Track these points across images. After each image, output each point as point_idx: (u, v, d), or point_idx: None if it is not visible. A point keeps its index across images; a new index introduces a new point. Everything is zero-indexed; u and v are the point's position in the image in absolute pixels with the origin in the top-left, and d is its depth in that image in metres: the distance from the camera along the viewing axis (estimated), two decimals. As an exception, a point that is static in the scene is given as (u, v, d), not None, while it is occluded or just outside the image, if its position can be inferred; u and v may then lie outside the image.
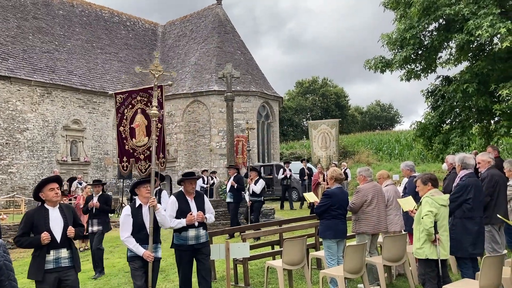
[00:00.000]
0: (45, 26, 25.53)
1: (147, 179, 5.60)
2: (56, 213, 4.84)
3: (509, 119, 10.55)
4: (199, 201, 6.02)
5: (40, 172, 22.18)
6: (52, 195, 4.80)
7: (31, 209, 5.03)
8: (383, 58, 12.21)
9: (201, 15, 30.46)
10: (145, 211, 5.44)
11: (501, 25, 9.16)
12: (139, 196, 5.51)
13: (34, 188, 4.87)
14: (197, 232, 5.84)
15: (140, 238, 5.32)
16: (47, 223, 4.73)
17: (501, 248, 6.31)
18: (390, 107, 60.81)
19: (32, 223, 4.71)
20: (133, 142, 7.52)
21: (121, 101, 7.61)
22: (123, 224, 5.36)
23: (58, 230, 4.75)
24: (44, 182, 4.86)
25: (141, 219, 5.38)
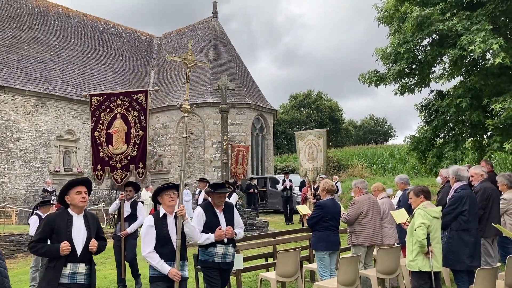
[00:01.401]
0: (40, 36, 25.56)
1: (171, 185, 4.79)
2: (80, 222, 4.28)
3: (502, 134, 10.62)
4: (228, 214, 5.35)
5: (32, 182, 22.01)
6: (78, 200, 4.25)
7: (53, 213, 4.51)
8: (377, 72, 12.30)
9: (197, 28, 30.64)
10: (171, 222, 4.65)
11: (493, 41, 9.27)
12: (163, 205, 4.73)
13: (61, 189, 4.33)
14: (226, 249, 5.17)
15: (165, 254, 4.52)
16: (69, 231, 4.16)
17: (494, 261, 6.32)
18: (384, 121, 61.13)
19: (52, 229, 4.15)
20: (109, 149, 6.98)
21: (98, 104, 7.02)
22: (145, 236, 4.56)
23: (79, 241, 4.18)
24: (72, 183, 4.32)
25: (166, 231, 4.59)
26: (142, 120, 7.01)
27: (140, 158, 6.94)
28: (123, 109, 6.98)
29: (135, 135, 6.96)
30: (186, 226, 4.67)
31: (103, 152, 7.01)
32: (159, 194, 4.73)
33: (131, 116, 6.98)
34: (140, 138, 6.91)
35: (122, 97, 7.02)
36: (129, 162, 6.98)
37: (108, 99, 7.04)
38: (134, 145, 6.95)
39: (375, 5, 12.55)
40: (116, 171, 7.03)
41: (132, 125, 6.99)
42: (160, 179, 25.36)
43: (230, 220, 5.30)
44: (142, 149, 6.93)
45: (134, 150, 6.95)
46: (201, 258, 5.26)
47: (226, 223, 5.20)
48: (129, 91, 7.18)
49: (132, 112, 6.98)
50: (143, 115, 7.00)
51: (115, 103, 6.98)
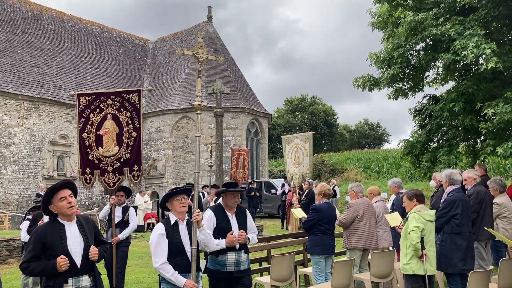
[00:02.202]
0: (34, 40, 25.48)
1: (181, 189, 4.39)
2: (74, 230, 3.77)
3: (495, 138, 10.69)
4: (241, 217, 4.91)
5: (25, 187, 21.87)
6: (65, 207, 3.72)
7: (41, 225, 3.90)
8: (371, 76, 12.37)
9: (192, 32, 30.67)
10: (183, 229, 4.24)
11: (486, 46, 9.34)
12: (173, 211, 4.31)
13: (42, 200, 3.85)
14: (238, 256, 4.71)
15: (179, 265, 4.09)
16: (64, 243, 3.66)
17: (487, 264, 6.34)
18: (378, 125, 61.33)
19: (43, 244, 3.61)
20: (99, 151, 6.63)
21: (86, 104, 6.64)
22: (157, 246, 4.10)
23: (78, 252, 3.71)
24: (52, 190, 3.77)
25: (178, 240, 4.15)
26: (135, 121, 6.72)
27: (135, 161, 6.64)
28: (114, 109, 6.65)
29: (128, 137, 6.66)
30: (201, 233, 4.28)
31: (92, 154, 6.67)
32: (168, 200, 4.32)
33: (123, 116, 6.68)
34: (134, 140, 6.62)
35: (113, 97, 6.69)
36: (122, 164, 6.66)
37: (98, 99, 6.67)
38: (127, 147, 6.65)
39: (369, 10, 12.64)
40: (107, 175, 6.68)
41: (124, 126, 6.68)
42: (154, 184, 25.31)
43: (243, 224, 4.85)
44: (137, 151, 6.65)
45: (127, 152, 6.64)
46: (210, 267, 4.77)
47: (238, 228, 4.77)
48: (120, 90, 6.84)
49: (124, 112, 6.67)
50: (136, 116, 6.71)
51: (105, 103, 6.65)
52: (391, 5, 11.77)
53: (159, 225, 4.27)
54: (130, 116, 6.71)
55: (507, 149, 9.29)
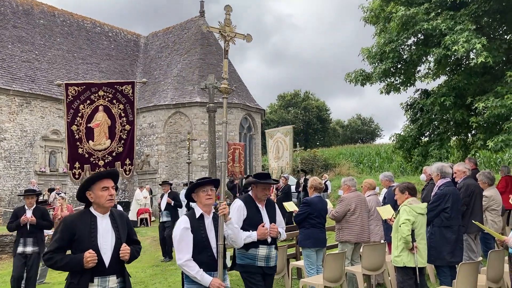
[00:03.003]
0: (25, 35, 25.26)
1: (208, 180, 4.02)
2: (107, 223, 3.43)
3: (485, 132, 10.80)
4: (270, 210, 4.64)
5: (17, 183, 21.74)
6: (105, 198, 3.41)
7: (71, 214, 3.58)
8: (363, 71, 12.43)
9: (184, 27, 30.54)
10: (209, 223, 3.88)
11: (477, 40, 9.43)
12: (198, 204, 3.96)
13: (81, 184, 3.48)
14: (269, 251, 4.43)
15: (204, 262, 3.74)
16: (93, 236, 3.32)
17: (477, 256, 6.42)
18: (371, 121, 61.57)
19: (72, 234, 3.29)
20: (90, 145, 6.34)
21: (75, 95, 6.31)
22: (181, 242, 3.75)
23: (107, 248, 3.35)
24: (97, 177, 3.47)
25: (204, 235, 3.80)
26: (129, 114, 6.50)
27: (127, 155, 6.42)
28: (106, 101, 6.39)
29: (121, 130, 6.44)
30: (228, 228, 3.95)
31: (83, 148, 6.37)
32: (193, 191, 3.96)
33: (115, 109, 6.45)
34: (127, 133, 6.40)
35: (105, 88, 6.40)
36: (114, 159, 6.43)
37: (88, 90, 6.33)
38: (120, 141, 6.42)
39: (361, 5, 12.68)
40: (99, 169, 6.35)
41: (117, 119, 6.44)
42: (147, 179, 25.25)
43: (272, 217, 4.59)
44: (130, 145, 6.41)
45: (120, 146, 6.41)
46: (240, 262, 4.45)
47: (269, 220, 4.50)
48: (113, 81, 6.64)
49: (116, 104, 6.44)
50: (130, 108, 6.49)
51: (97, 94, 6.36)
52: (383, 0, 11.82)
53: (183, 218, 3.89)
54: (124, 109, 6.48)
55: (498, 142, 9.39)
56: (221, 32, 4.23)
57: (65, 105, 6.37)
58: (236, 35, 4.27)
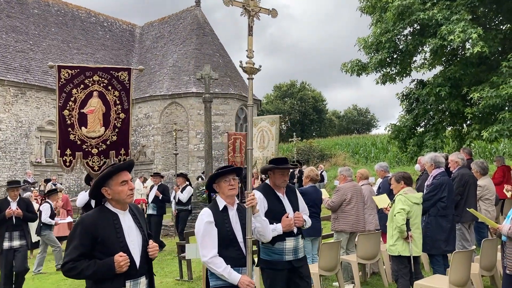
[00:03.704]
0: (19, 25, 25.05)
1: (230, 169, 3.65)
2: (129, 220, 3.09)
3: (480, 122, 10.84)
4: (292, 197, 4.26)
5: (13, 173, 21.69)
6: (125, 193, 3.03)
7: (88, 215, 3.07)
8: (359, 61, 12.40)
9: (180, 17, 30.37)
10: (233, 215, 3.56)
11: (472, 30, 9.41)
12: (221, 195, 3.62)
13: (96, 180, 3.09)
14: (296, 242, 4.06)
15: (231, 258, 3.42)
16: (120, 236, 2.96)
17: (470, 245, 6.49)
18: (367, 111, 61.70)
19: (94, 238, 2.88)
20: (83, 131, 6.02)
21: (68, 78, 5.99)
22: (205, 236, 3.43)
23: (135, 247, 3.03)
24: (115, 170, 3.04)
25: (229, 229, 3.48)
26: (124, 102, 6.20)
27: (122, 144, 6.18)
28: (101, 86, 6.06)
29: (115, 118, 6.16)
30: (256, 221, 3.60)
31: (75, 134, 6.01)
32: (215, 181, 3.62)
33: (110, 95, 6.13)
34: (121, 122, 6.13)
35: (101, 73, 6.08)
36: (108, 147, 6.16)
37: (82, 74, 6.01)
38: (114, 129, 6.18)
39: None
40: (92, 158, 6.04)
41: (112, 106, 6.14)
42: (143, 170, 25.24)
43: (295, 205, 4.20)
44: (124, 134, 6.18)
45: (114, 134, 6.17)
46: (266, 258, 4.05)
47: (293, 209, 4.13)
48: (108, 67, 6.23)
49: (112, 91, 6.12)
50: (125, 96, 6.21)
51: (91, 79, 6.03)
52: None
53: (206, 211, 3.54)
54: (119, 96, 6.20)
55: (492, 133, 9.43)
56: (244, 7, 3.83)
57: (57, 88, 6.01)
58: (261, 10, 3.92)
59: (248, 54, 3.80)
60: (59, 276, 8.94)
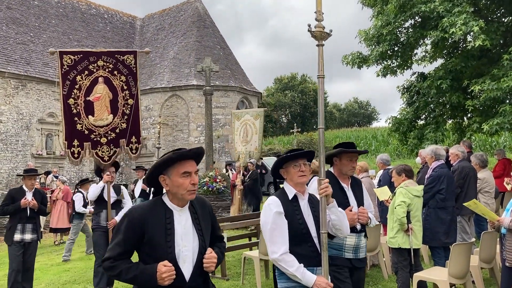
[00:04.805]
0: (19, 16, 24.97)
1: (300, 152, 3.11)
2: (186, 220, 2.49)
3: (481, 115, 10.84)
4: (358, 190, 3.73)
5: (14, 165, 21.74)
6: (185, 187, 2.44)
7: (139, 206, 2.53)
8: (360, 53, 12.38)
9: (180, 9, 30.25)
10: (305, 206, 3.04)
11: (474, 23, 9.39)
12: (289, 181, 3.10)
13: (153, 166, 2.53)
14: (358, 240, 3.57)
15: (303, 255, 2.92)
16: (170, 240, 2.40)
17: (470, 238, 6.52)
18: (368, 104, 61.63)
19: (141, 235, 2.39)
20: (90, 120, 5.70)
21: (71, 64, 5.67)
22: (274, 230, 2.91)
23: (188, 255, 2.44)
24: (177, 157, 2.47)
25: (301, 221, 2.96)
26: (132, 87, 5.86)
27: (132, 131, 5.83)
28: (107, 72, 5.72)
29: (123, 104, 5.83)
30: (331, 212, 3.03)
31: (82, 124, 5.67)
32: (282, 166, 3.13)
33: (117, 81, 5.80)
34: (130, 108, 5.80)
35: (105, 58, 5.75)
36: (118, 135, 5.80)
37: (86, 59, 5.70)
38: (123, 116, 5.83)
39: (359, -13, 12.58)
40: (101, 147, 5.73)
41: (119, 92, 5.81)
42: (144, 162, 25.27)
43: (360, 199, 3.69)
44: (134, 121, 5.83)
45: (123, 121, 5.82)
46: None
47: (357, 203, 3.61)
48: (113, 50, 5.94)
49: (118, 76, 5.80)
50: (133, 80, 5.87)
51: (96, 64, 5.69)
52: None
53: (273, 200, 3.03)
54: (126, 81, 5.87)
55: (493, 125, 9.43)
56: None
57: (60, 75, 5.67)
58: None
59: (317, 16, 3.23)
60: (60, 267, 9.01)
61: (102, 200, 6.41)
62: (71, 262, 9.59)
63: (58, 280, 7.93)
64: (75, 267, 9.01)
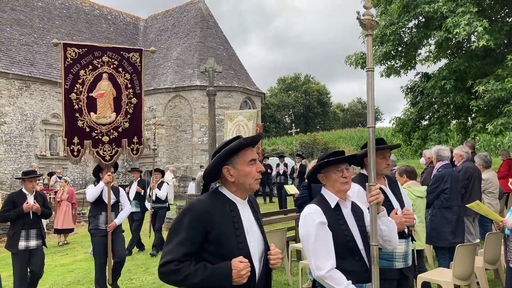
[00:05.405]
0: (23, 18, 25.07)
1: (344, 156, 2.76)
2: (249, 214, 2.30)
3: (485, 115, 10.79)
4: (396, 190, 3.40)
5: (18, 166, 21.82)
6: (253, 176, 2.25)
7: (199, 200, 2.25)
8: (363, 54, 12.35)
9: (184, 10, 30.30)
10: (349, 215, 2.71)
11: (478, 23, 9.35)
12: (329, 188, 2.76)
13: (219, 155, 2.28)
14: (407, 246, 3.25)
15: (351, 271, 2.55)
16: (240, 234, 2.18)
17: (475, 238, 6.48)
18: (371, 104, 61.43)
19: (206, 232, 2.14)
20: (92, 117, 5.47)
21: (75, 58, 5.44)
22: (318, 242, 2.55)
23: (256, 252, 2.24)
24: (241, 146, 2.25)
25: (347, 233, 2.63)
26: (136, 85, 5.69)
27: (134, 131, 5.67)
28: (112, 68, 5.53)
29: (127, 103, 5.65)
30: (381, 222, 2.69)
31: (83, 120, 5.43)
32: (320, 171, 2.80)
33: (121, 78, 5.62)
34: (133, 107, 5.64)
35: (110, 54, 5.55)
36: (120, 135, 5.61)
37: (91, 54, 5.49)
38: (126, 115, 5.65)
39: (362, -13, 12.55)
40: (103, 146, 5.53)
41: (123, 90, 5.62)
42: (147, 163, 25.33)
43: (400, 198, 3.34)
44: (137, 121, 5.68)
45: (126, 121, 5.65)
46: None
47: (399, 205, 3.25)
48: (118, 47, 5.72)
49: (123, 73, 5.63)
50: (137, 79, 5.71)
51: (100, 59, 5.48)
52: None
53: (314, 208, 2.65)
54: (130, 79, 5.69)
55: (497, 126, 9.40)
56: None
57: (63, 68, 5.45)
58: None
59: (366, 3, 2.91)
60: (64, 268, 9.03)
61: (101, 202, 6.15)
62: (75, 263, 9.60)
63: (62, 281, 7.95)
64: (79, 267, 9.03)
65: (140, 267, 8.54)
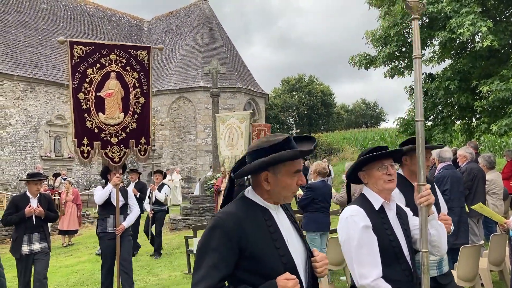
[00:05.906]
0: (28, 20, 25.20)
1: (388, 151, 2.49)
2: (284, 220, 2.02)
3: (490, 115, 10.75)
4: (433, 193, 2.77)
5: (23, 168, 21.92)
6: (293, 188, 1.98)
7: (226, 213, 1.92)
8: (367, 54, 12.33)
9: (187, 11, 30.37)
10: (393, 218, 2.46)
11: (482, 24, 9.32)
12: (371, 186, 2.55)
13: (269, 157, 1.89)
14: None
15: (398, 281, 2.31)
16: (281, 247, 1.89)
17: (479, 240, 6.46)
18: (376, 105, 61.32)
19: (241, 249, 1.84)
20: (100, 118, 5.29)
21: (82, 56, 5.22)
22: (362, 248, 2.31)
23: (300, 263, 1.95)
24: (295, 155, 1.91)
25: (393, 238, 2.38)
26: (144, 84, 5.50)
27: (142, 132, 5.53)
28: (119, 67, 5.34)
29: (135, 102, 5.48)
30: (431, 226, 2.42)
31: (92, 121, 5.25)
32: (361, 168, 2.58)
33: (129, 77, 5.42)
34: (141, 107, 5.48)
35: (118, 52, 5.36)
36: (128, 136, 5.45)
37: (98, 52, 5.31)
38: (134, 115, 5.48)
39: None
40: (111, 148, 5.36)
41: (131, 89, 5.44)
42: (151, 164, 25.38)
43: (437, 202, 3.09)
44: (144, 121, 5.54)
45: (133, 121, 5.48)
46: None
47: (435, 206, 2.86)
48: (126, 44, 5.54)
49: (131, 72, 5.42)
50: (145, 78, 5.52)
51: (108, 57, 5.28)
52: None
53: (357, 210, 2.43)
54: (138, 78, 5.50)
55: (501, 126, 9.35)
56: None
57: (69, 67, 5.23)
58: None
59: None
60: (68, 269, 9.06)
61: (109, 204, 6.05)
62: (79, 264, 9.64)
63: (66, 282, 7.98)
64: (83, 269, 9.06)
65: (144, 268, 8.57)
